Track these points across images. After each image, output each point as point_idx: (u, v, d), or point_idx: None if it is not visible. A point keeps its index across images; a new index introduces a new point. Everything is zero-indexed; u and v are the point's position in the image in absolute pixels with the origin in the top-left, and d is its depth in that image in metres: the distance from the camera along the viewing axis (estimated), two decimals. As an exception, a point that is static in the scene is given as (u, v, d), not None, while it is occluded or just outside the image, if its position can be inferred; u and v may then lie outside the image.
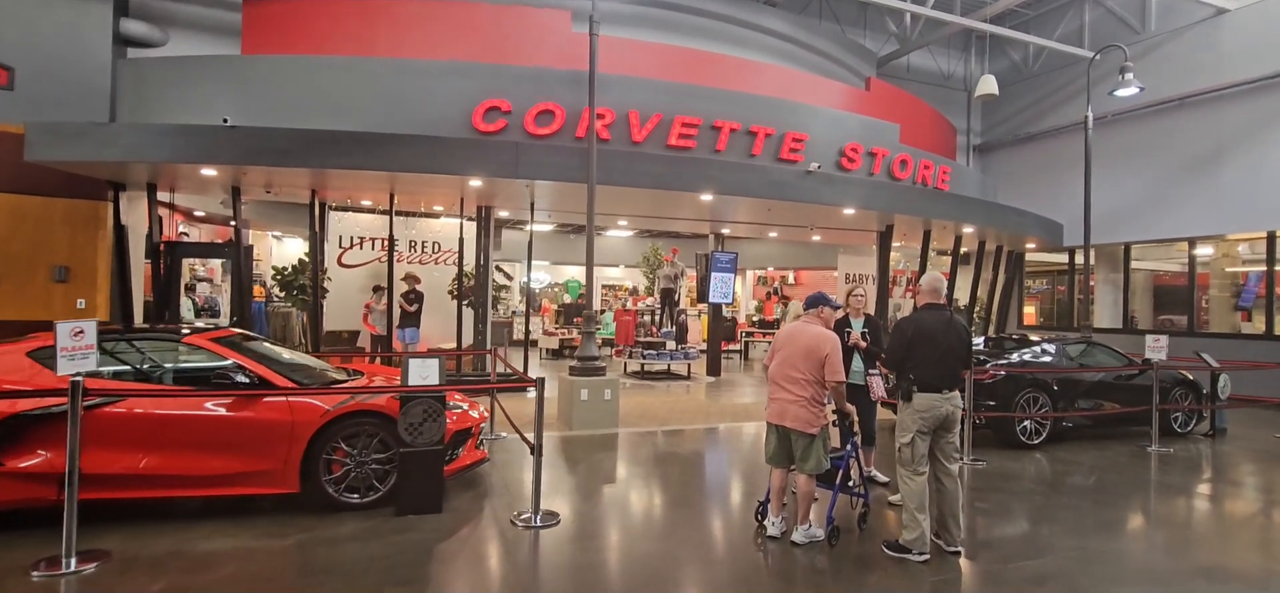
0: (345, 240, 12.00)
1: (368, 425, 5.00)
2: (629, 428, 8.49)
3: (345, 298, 11.79)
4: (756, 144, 10.32)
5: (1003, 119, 17.71)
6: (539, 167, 9.14)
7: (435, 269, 12.34)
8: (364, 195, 11.07)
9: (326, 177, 9.83)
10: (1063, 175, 15.93)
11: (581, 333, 8.65)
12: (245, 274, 10.68)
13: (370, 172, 9.06)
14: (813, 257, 23.45)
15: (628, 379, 13.63)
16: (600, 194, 9.93)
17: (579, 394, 8.23)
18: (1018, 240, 15.19)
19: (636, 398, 10.93)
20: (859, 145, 11.11)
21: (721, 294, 14.59)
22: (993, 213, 12.85)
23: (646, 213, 12.74)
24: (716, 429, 8.74)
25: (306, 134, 8.77)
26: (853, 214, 11.26)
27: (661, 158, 9.67)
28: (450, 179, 9.29)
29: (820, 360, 4.42)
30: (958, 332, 4.32)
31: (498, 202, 11.22)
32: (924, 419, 4.26)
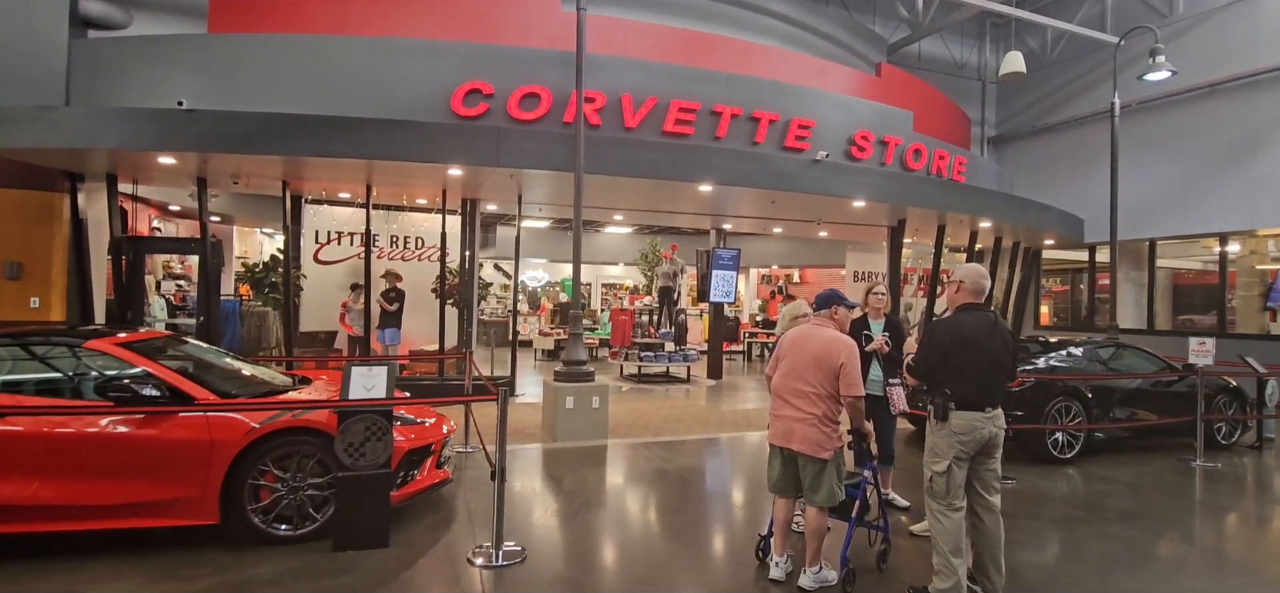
0: (322, 235, 11.29)
1: (304, 444, 4.28)
2: (620, 439, 7.76)
3: (322, 297, 11.08)
4: (759, 131, 9.58)
5: (1019, 109, 16.91)
6: (522, 154, 8.41)
7: (418, 266, 11.63)
8: (340, 187, 10.37)
9: (297, 166, 9.13)
10: (1083, 168, 15.13)
11: (568, 334, 7.92)
12: (213, 271, 9.98)
13: (339, 159, 8.35)
14: (819, 254, 22.68)
15: (624, 383, 12.90)
16: (591, 185, 9.20)
17: (564, 402, 7.50)
18: (1036, 236, 14.40)
19: (630, 404, 10.20)
20: (870, 133, 10.36)
21: (723, 293, 13.85)
22: (1012, 206, 12.08)
23: (642, 206, 12.00)
24: (716, 441, 8.00)
25: (269, 118, 8.06)
26: (863, 206, 10.50)
27: (656, 145, 8.94)
28: (426, 168, 8.57)
29: (834, 371, 3.68)
30: (1003, 338, 3.56)
31: (483, 193, 10.50)
32: (962, 443, 3.51)
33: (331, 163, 8.75)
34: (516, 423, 8.48)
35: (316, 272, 11.20)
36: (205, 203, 9.81)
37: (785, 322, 4.89)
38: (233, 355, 5.89)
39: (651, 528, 5.12)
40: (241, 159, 8.52)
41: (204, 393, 4.23)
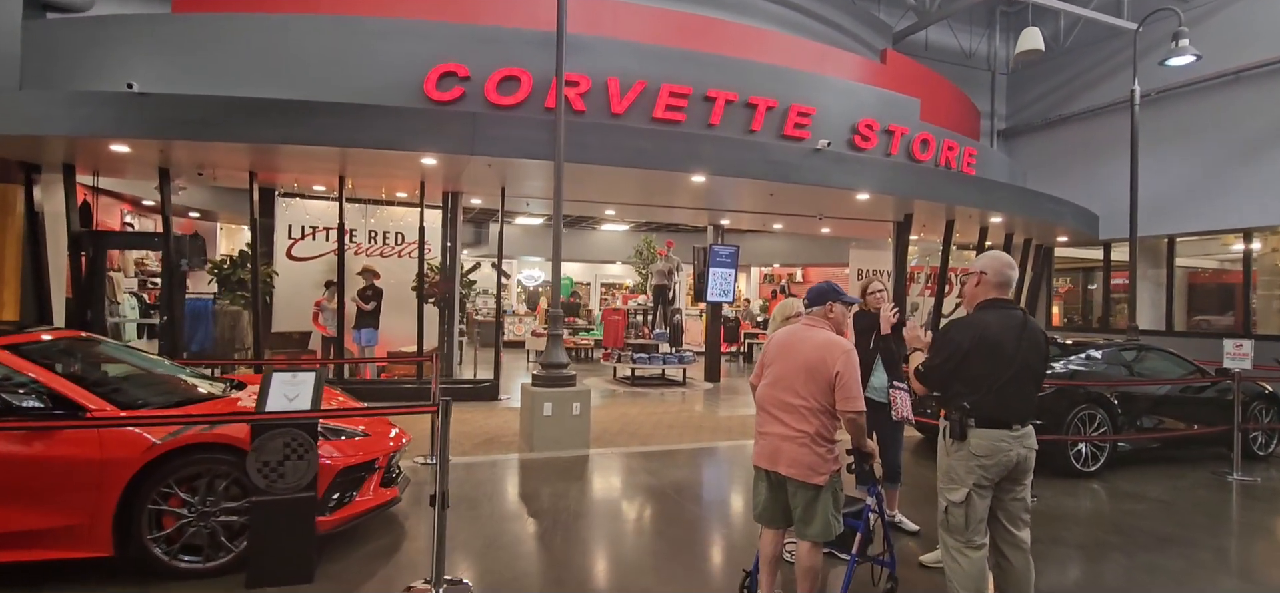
0: (295, 230, 10.74)
1: (218, 463, 3.69)
2: (604, 449, 7.15)
3: (296, 295, 10.53)
4: (756, 118, 8.96)
5: (1030, 101, 16.24)
6: (500, 142, 7.82)
7: (399, 263, 11.07)
8: (313, 179, 9.80)
9: (263, 155, 8.56)
10: (1098, 161, 14.47)
11: (547, 335, 7.33)
12: (176, 268, 9.42)
13: (302, 147, 7.78)
14: (822, 252, 22.06)
15: (616, 386, 12.30)
16: (578, 177, 8.61)
17: (542, 409, 6.91)
18: (1049, 233, 13.74)
19: (619, 409, 9.59)
20: (874, 122, 9.73)
21: (721, 292, 13.24)
22: (1025, 200, 11.42)
23: (635, 200, 11.40)
24: (710, 451, 7.39)
25: (227, 102, 7.50)
26: (867, 199, 9.87)
27: (645, 132, 8.33)
28: (397, 156, 7.99)
29: (828, 381, 3.07)
30: (1035, 340, 2.95)
31: (463, 186, 9.91)
32: (985, 468, 2.90)
33: (298, 151, 8.19)
34: (495, 430, 7.89)
35: (289, 269, 10.65)
36: (168, 195, 9.26)
37: (777, 322, 4.28)
38: (170, 360, 5.33)
39: (626, 556, 4.51)
40: (201, 147, 7.95)
41: (100, 403, 3.65)
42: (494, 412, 9.14)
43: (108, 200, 12.64)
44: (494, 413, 9.03)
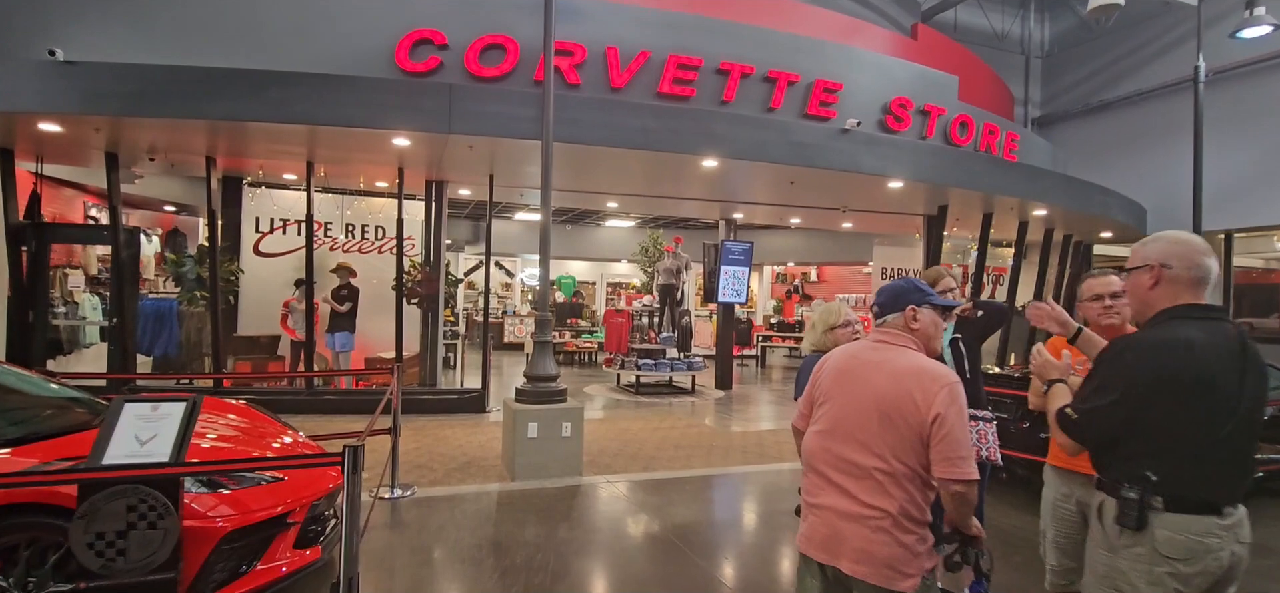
0: (263, 223, 9.73)
1: (42, 529, 2.65)
2: (598, 477, 6.08)
3: (265, 295, 9.52)
4: (775, 94, 7.87)
5: (1068, 86, 15.03)
6: (482, 118, 6.78)
7: (380, 260, 10.04)
8: (279, 165, 8.79)
9: (218, 137, 7.57)
10: (1146, 150, 13.26)
11: (534, 341, 6.27)
12: (127, 264, 8.44)
13: (257, 125, 6.77)
14: (840, 250, 20.88)
15: (619, 394, 11.22)
16: (572, 161, 7.54)
17: (525, 429, 5.84)
18: (1093, 227, 12.55)
19: (620, 423, 8.52)
20: (909, 100, 8.62)
21: (733, 292, 12.14)
22: (1074, 191, 10.27)
23: (638, 190, 10.33)
24: (723, 480, 6.30)
25: (167, 73, 6.50)
26: (900, 189, 8.75)
27: (649, 109, 7.27)
28: (364, 136, 6.96)
29: (920, 430, 1.97)
30: (1259, 371, 1.85)
31: (447, 172, 8.88)
32: (1181, 580, 1.80)
33: (255, 131, 7.18)
34: (476, 451, 6.84)
35: (257, 266, 9.64)
36: (116, 183, 8.27)
37: (817, 333, 3.19)
38: (45, 375, 4.31)
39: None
40: (142, 125, 6.96)
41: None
42: (479, 427, 8.09)
43: (71, 193, 11.71)
44: (478, 429, 7.99)
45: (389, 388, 5.37)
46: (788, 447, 7.49)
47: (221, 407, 4.21)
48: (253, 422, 4.07)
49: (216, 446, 3.50)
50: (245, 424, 3.96)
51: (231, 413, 4.10)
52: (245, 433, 3.82)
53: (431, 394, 9.08)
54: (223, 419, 3.94)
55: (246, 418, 4.07)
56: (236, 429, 3.84)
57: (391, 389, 5.40)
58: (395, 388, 5.42)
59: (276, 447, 3.65)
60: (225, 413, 4.12)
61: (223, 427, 3.82)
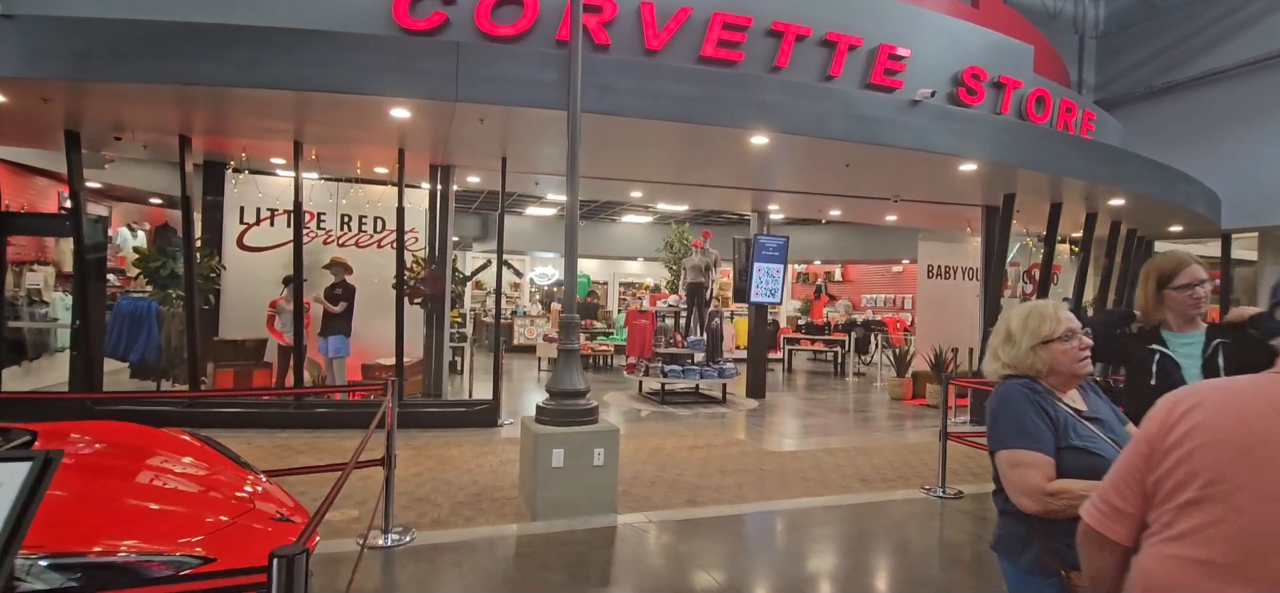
0: (249, 213, 8.70)
1: None
2: (636, 514, 4.98)
3: (249, 293, 8.50)
4: (835, 60, 6.78)
5: (1125, 68, 13.85)
6: (494, 83, 5.71)
7: (380, 255, 9.01)
8: (264, 146, 7.75)
9: (190, 109, 6.54)
10: (1220, 135, 12.06)
11: (560, 348, 5.18)
12: (91, 258, 7.42)
13: (229, 92, 5.72)
14: (871, 247, 19.76)
15: (642, 403, 10.14)
16: (596, 140, 6.47)
17: (548, 457, 4.76)
18: (1166, 220, 11.38)
19: (650, 440, 7.44)
20: (982, 71, 7.51)
21: (767, 291, 11.04)
22: (1159, 177, 9.12)
23: (666, 177, 9.24)
24: (791, 520, 5.19)
25: (118, 27, 5.45)
26: (973, 171, 7.64)
27: (690, 74, 6.19)
28: (357, 105, 5.91)
29: None
30: None
31: (453, 153, 7.83)
32: None
33: (231, 100, 6.15)
34: (487, 478, 5.76)
35: (242, 261, 8.62)
36: (78, 165, 7.25)
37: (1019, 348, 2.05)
38: None
39: None
40: (94, 92, 5.93)
41: None
42: (490, 445, 7.02)
43: (44, 181, 10.74)
44: (490, 448, 6.92)
45: (383, 405, 4.30)
46: (852, 470, 6.39)
47: (156, 444, 3.13)
48: (206, 467, 3.00)
49: (131, 506, 2.44)
50: (180, 471, 2.88)
51: (163, 453, 3.03)
52: (182, 488, 2.73)
53: (437, 407, 8.02)
54: (153, 462, 2.88)
55: (179, 459, 2.99)
56: (169, 475, 2.77)
57: (386, 407, 4.33)
58: (390, 406, 4.34)
59: (211, 521, 2.56)
60: (164, 453, 3.05)
61: (152, 475, 2.76)
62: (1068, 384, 2.05)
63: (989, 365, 2.17)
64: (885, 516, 5.25)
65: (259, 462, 6.18)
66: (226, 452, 3.32)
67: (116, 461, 2.77)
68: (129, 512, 2.39)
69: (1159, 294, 2.45)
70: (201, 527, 2.38)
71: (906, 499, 5.59)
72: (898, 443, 7.88)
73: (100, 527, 2.19)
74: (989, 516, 5.29)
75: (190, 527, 2.35)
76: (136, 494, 2.52)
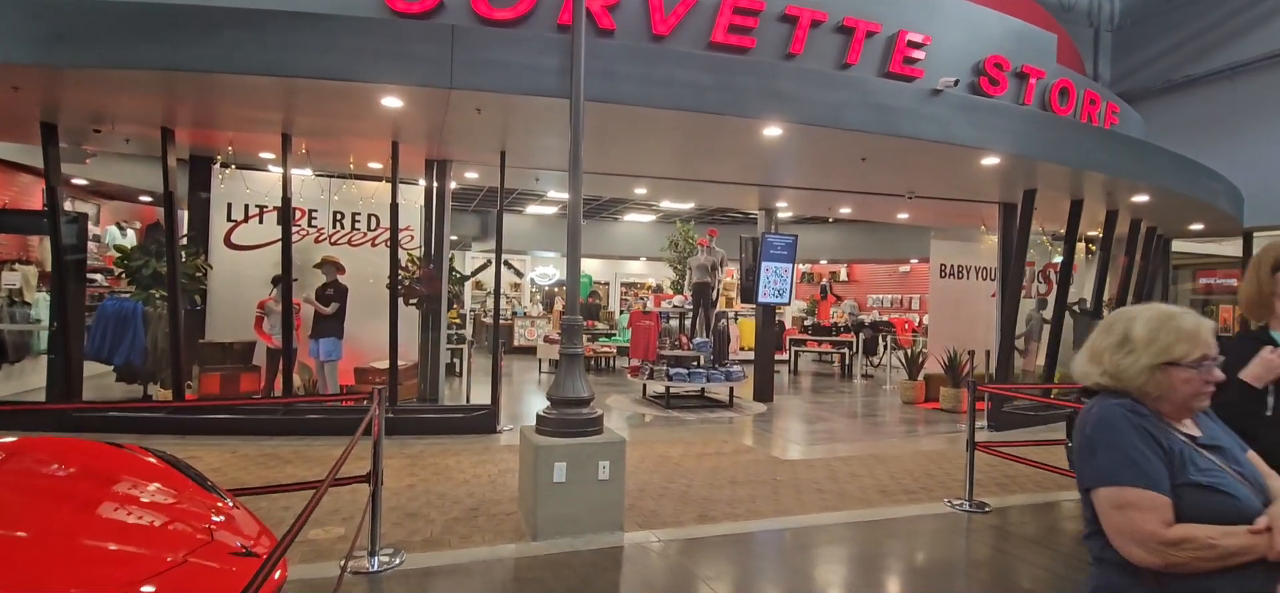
0: (237, 210, 8.35)
1: None
2: (643, 533, 4.62)
3: (239, 294, 8.15)
4: (852, 47, 6.42)
5: (1142, 62, 13.47)
6: (491, 70, 5.36)
7: (373, 253, 8.65)
8: (251, 140, 7.40)
9: (171, 100, 6.19)
10: (1242, 130, 11.70)
11: (561, 353, 4.82)
12: (68, 256, 7.07)
13: (209, 78, 5.37)
14: (878, 246, 19.47)
15: (645, 407, 9.79)
16: (600, 132, 6.12)
17: (550, 471, 4.40)
18: (1188, 218, 11.02)
19: (656, 448, 7.08)
20: (1005, 60, 7.15)
21: (776, 291, 10.69)
22: (1186, 172, 8.77)
23: (672, 172, 8.88)
24: (809, 537, 4.83)
25: (89, 9, 5.10)
26: (995, 164, 7.28)
27: (700, 61, 5.83)
28: (345, 93, 5.56)
29: None
30: None
31: (450, 146, 7.48)
32: None
33: (211, 88, 5.80)
34: (484, 489, 5.40)
35: (229, 260, 8.27)
36: (55, 159, 6.91)
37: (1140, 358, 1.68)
38: None
39: None
40: (64, 80, 5.58)
41: None
42: (488, 453, 6.67)
43: (28, 177, 10.39)
44: (488, 456, 6.56)
45: (369, 413, 3.94)
46: (870, 480, 6.04)
47: (103, 465, 2.77)
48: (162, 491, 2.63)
49: (61, 545, 2.07)
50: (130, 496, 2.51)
51: (112, 475, 2.66)
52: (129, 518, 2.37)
53: (433, 412, 7.67)
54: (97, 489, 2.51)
55: (130, 483, 2.62)
56: (115, 503, 2.40)
57: (372, 415, 3.97)
58: (377, 415, 3.99)
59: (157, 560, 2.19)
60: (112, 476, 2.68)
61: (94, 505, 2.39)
62: (1178, 415, 1.69)
63: (1084, 368, 1.80)
64: (911, 533, 4.89)
65: (244, 473, 5.85)
66: (188, 471, 2.95)
67: (52, 486, 2.41)
68: (58, 552, 2.03)
69: (1274, 277, 2.10)
70: (142, 570, 2.02)
71: (931, 514, 5.23)
72: (915, 450, 7.52)
73: (14, 574, 1.83)
74: (1021, 532, 4.94)
75: (128, 571, 1.99)
76: (68, 529, 2.15)
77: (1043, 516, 5.41)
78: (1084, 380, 1.79)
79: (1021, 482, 6.22)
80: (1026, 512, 5.41)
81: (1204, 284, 13.60)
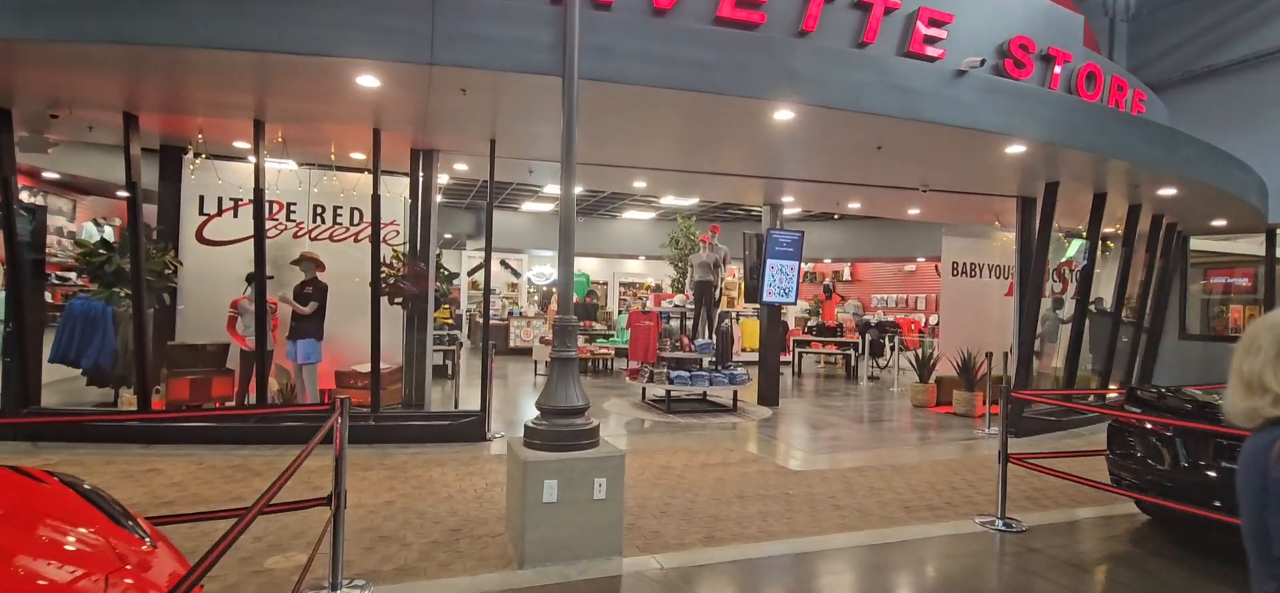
0: (210, 203, 7.84)
1: None
2: (645, 559, 4.13)
3: (212, 293, 7.64)
4: (870, 24, 5.93)
5: (1160, 53, 13.00)
6: (476, 44, 4.87)
7: (356, 249, 8.15)
8: (221, 127, 6.89)
9: (130, 80, 5.69)
10: (1267, 121, 11.22)
11: (552, 355, 4.33)
12: (21, 248, 6.56)
13: (169, 52, 4.87)
14: (883, 244, 19.02)
15: (645, 412, 9.30)
16: (598, 112, 5.63)
17: (540, 490, 3.91)
18: (1211, 212, 10.56)
19: (657, 457, 6.58)
20: (1030, 41, 6.66)
21: (781, 290, 10.21)
22: (1219, 163, 8.30)
23: (674, 162, 8.38)
24: (831, 562, 4.33)
25: (30, -24, 4.60)
26: (1023, 153, 6.80)
27: (704, 36, 5.33)
28: (317, 73, 5.07)
29: None
30: None
31: (435, 134, 6.98)
32: None
33: (173, 71, 5.31)
34: (469, 506, 4.91)
35: (202, 256, 7.76)
36: (9, 147, 6.42)
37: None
38: None
39: None
40: (10, 54, 5.07)
41: None
42: (476, 464, 6.18)
43: None
44: (476, 467, 6.07)
45: (329, 423, 3.45)
46: (890, 494, 5.55)
47: (12, 497, 2.27)
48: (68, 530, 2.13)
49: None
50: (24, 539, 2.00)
51: (24, 513, 2.16)
52: (21, 565, 1.86)
53: (418, 419, 7.17)
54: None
55: (30, 520, 2.12)
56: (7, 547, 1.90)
57: (332, 423, 3.48)
58: (339, 427, 3.49)
59: None
60: (22, 513, 2.18)
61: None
62: None
63: (1243, 404, 1.33)
64: (943, 556, 4.40)
65: (206, 488, 5.34)
66: (101, 504, 2.45)
67: None
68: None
69: None
70: None
71: (963, 535, 4.74)
72: (934, 459, 7.04)
73: None
74: (1065, 556, 4.45)
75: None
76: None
77: (1085, 536, 4.92)
78: (1249, 421, 1.31)
79: (1052, 494, 5.74)
80: (1065, 531, 4.92)
81: (1214, 283, 13.10)
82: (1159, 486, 4.51)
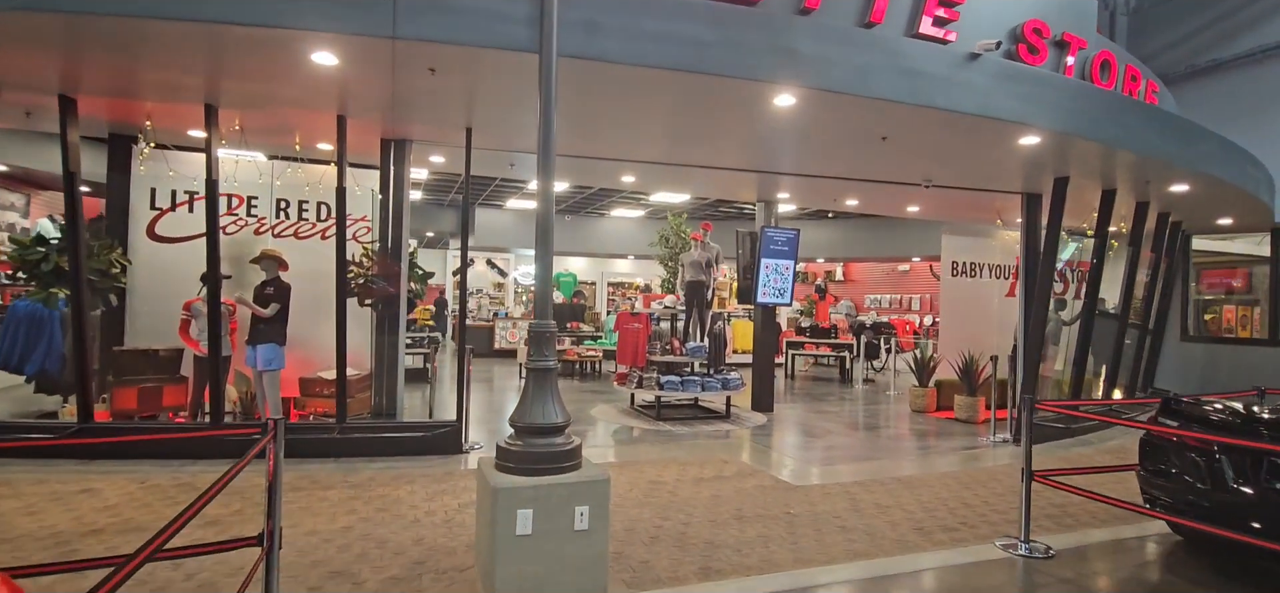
0: (162, 196, 7.26)
1: None
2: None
3: (165, 293, 7.05)
4: (877, 3, 5.47)
5: (1162, 47, 12.68)
6: (443, 16, 4.36)
7: (324, 247, 7.59)
8: (172, 113, 6.32)
9: (66, 58, 5.12)
10: (1268, 118, 10.92)
11: (528, 364, 3.82)
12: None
13: (98, 19, 4.32)
14: (877, 243, 18.66)
15: (634, 419, 8.81)
16: (582, 97, 5.13)
17: (511, 520, 3.40)
18: (1217, 211, 10.23)
19: (647, 472, 6.08)
20: (1045, 26, 6.24)
21: (776, 291, 9.76)
22: (1235, 158, 7.94)
23: (665, 158, 7.90)
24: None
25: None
26: (1035, 144, 6.38)
27: (701, 11, 4.85)
28: (269, 47, 4.53)
29: None
30: None
31: (405, 121, 6.44)
32: None
33: (113, 46, 4.75)
34: (437, 531, 4.38)
35: (153, 253, 7.17)
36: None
37: None
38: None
39: None
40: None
41: None
42: (449, 481, 5.65)
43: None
44: (448, 484, 5.55)
45: (261, 445, 2.93)
46: (900, 513, 5.09)
47: None
48: None
49: None
50: None
51: None
52: None
53: (388, 430, 6.63)
54: None
55: None
56: None
57: (265, 443, 2.96)
58: (271, 446, 2.97)
59: None
60: None
61: None
62: None
63: None
64: (968, 590, 3.94)
65: (142, 512, 4.73)
66: None
67: None
68: None
69: None
70: None
71: (986, 561, 4.28)
72: (942, 472, 6.59)
73: None
74: (1101, 587, 4.02)
75: None
76: None
77: (1118, 562, 4.48)
78: None
79: (1073, 511, 5.31)
80: (1096, 556, 4.48)
81: (1209, 283, 12.79)
82: (1199, 508, 4.07)
